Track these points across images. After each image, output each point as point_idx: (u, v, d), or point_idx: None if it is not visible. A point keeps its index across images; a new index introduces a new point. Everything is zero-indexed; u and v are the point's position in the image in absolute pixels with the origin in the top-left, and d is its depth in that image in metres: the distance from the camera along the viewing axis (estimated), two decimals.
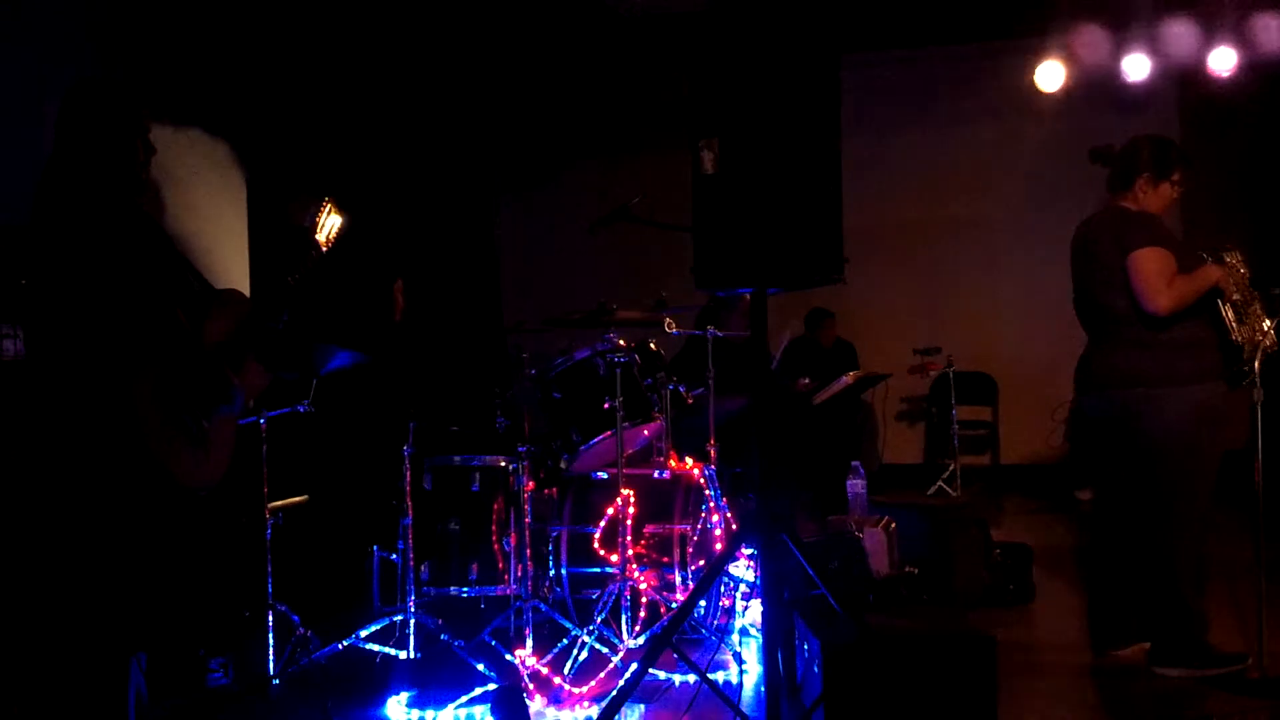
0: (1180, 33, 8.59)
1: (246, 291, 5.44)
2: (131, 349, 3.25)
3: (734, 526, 5.30)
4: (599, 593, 4.93)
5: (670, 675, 4.50)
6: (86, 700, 3.31)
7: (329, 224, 3.87)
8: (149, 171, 3.56)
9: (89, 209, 3.32)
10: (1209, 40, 8.58)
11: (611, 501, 5.02)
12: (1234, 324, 4.43)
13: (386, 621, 4.70)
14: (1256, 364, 4.36)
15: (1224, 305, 4.45)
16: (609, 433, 5.00)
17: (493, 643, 4.67)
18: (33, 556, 3.66)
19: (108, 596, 3.34)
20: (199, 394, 3.38)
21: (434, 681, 4.44)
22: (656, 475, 5.34)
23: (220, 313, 3.55)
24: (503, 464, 5.04)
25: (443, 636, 4.58)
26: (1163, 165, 4.60)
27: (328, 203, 3.88)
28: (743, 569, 5.29)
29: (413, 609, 4.65)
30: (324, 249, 3.84)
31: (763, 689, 3.81)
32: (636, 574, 4.89)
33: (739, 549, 5.03)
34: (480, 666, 4.46)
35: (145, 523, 3.32)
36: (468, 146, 9.77)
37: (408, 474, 4.74)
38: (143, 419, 3.23)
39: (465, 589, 4.96)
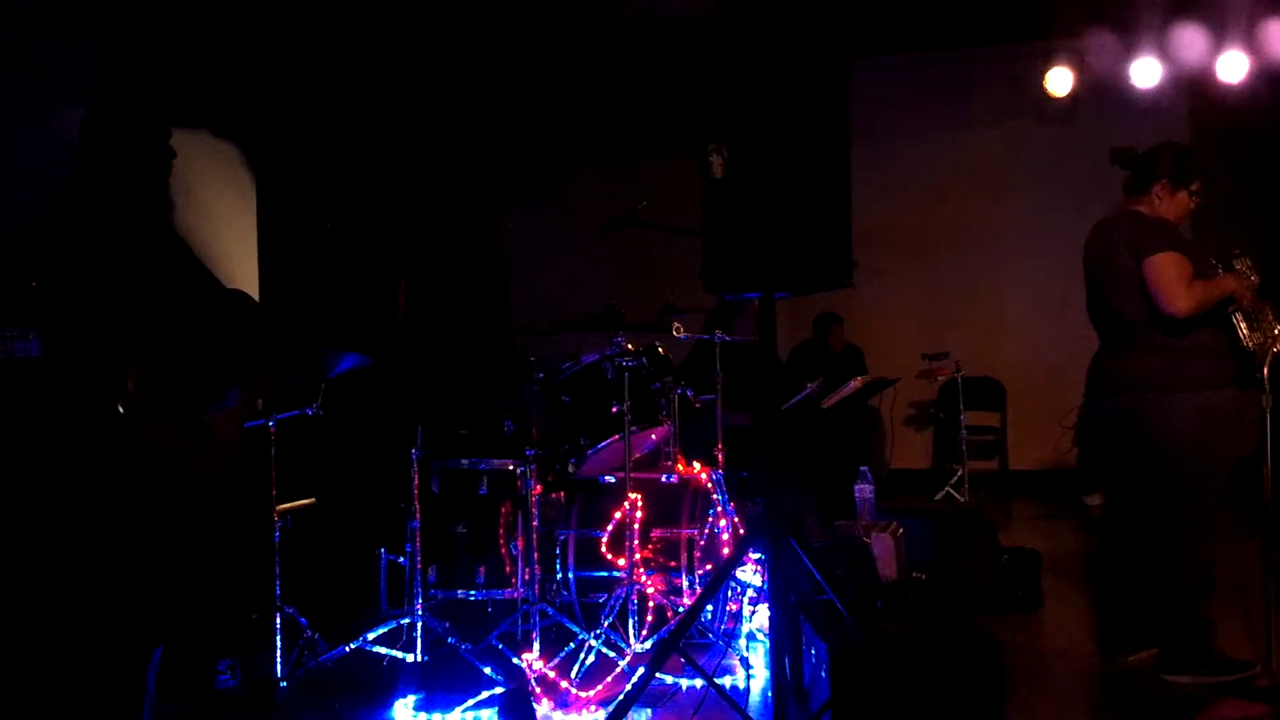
0: (1190, 38, 8.57)
1: (255, 291, 5.46)
2: (124, 346, 3.29)
3: (741, 531, 5.30)
4: (606, 596, 4.94)
5: (677, 680, 4.49)
6: (96, 694, 3.33)
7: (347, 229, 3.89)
8: (169, 177, 3.61)
9: (101, 215, 3.37)
10: (1219, 46, 8.56)
11: (619, 505, 5.03)
12: (1246, 331, 4.43)
13: (394, 624, 4.70)
14: (1266, 369, 4.36)
15: (1235, 313, 4.44)
16: (616, 437, 5.00)
17: (500, 646, 4.67)
18: (36, 550, 3.69)
19: (107, 588, 3.36)
20: (194, 391, 3.42)
21: (441, 684, 4.44)
22: (664, 479, 5.34)
23: (226, 314, 3.59)
24: (510, 467, 5.04)
25: (450, 640, 4.58)
26: (1182, 173, 4.59)
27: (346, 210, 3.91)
28: (750, 573, 5.28)
29: (420, 612, 4.65)
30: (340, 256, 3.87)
31: (770, 694, 3.81)
32: (644, 578, 4.89)
33: (746, 553, 5.03)
34: (487, 670, 4.46)
35: (141, 513, 3.35)
36: (475, 150, 9.78)
37: (415, 477, 4.74)
38: (132, 412, 3.26)
39: (472, 592, 4.96)
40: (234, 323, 3.60)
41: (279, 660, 4.60)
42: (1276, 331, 4.45)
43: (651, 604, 4.94)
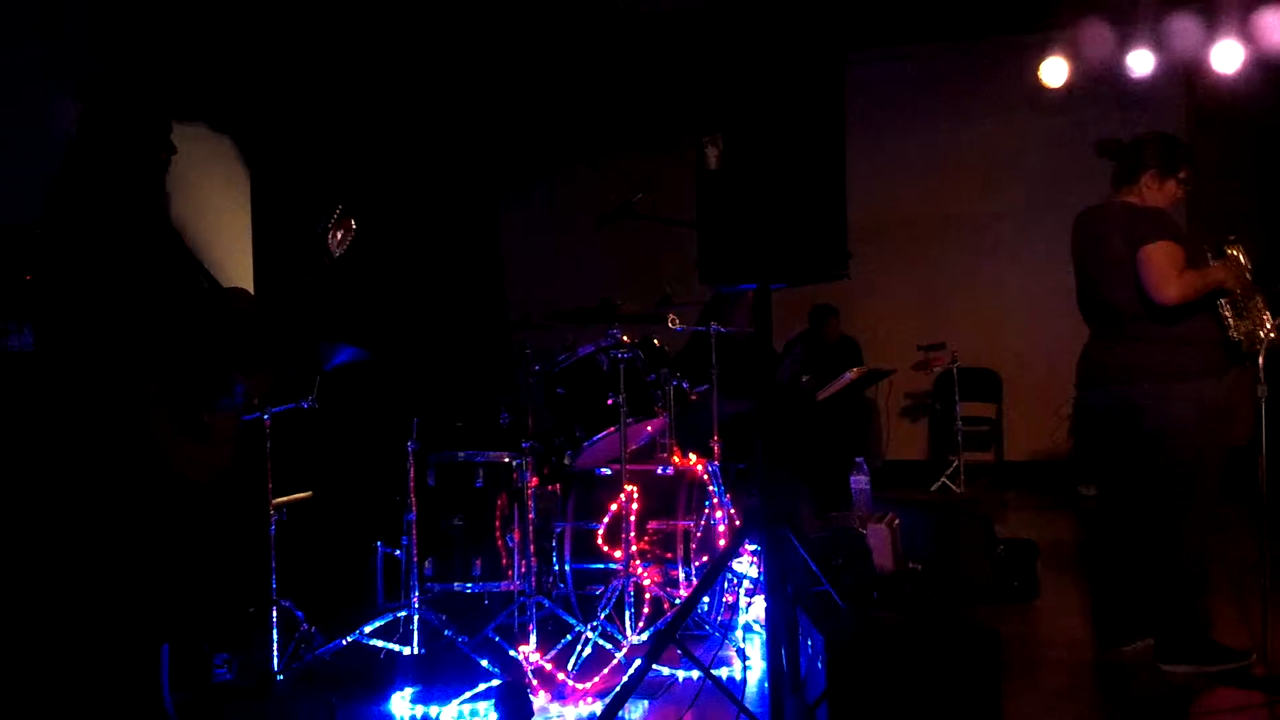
0: (1185, 28, 8.57)
1: (250, 286, 5.45)
2: (137, 344, 3.26)
3: (737, 522, 5.30)
4: (602, 589, 4.94)
5: (674, 671, 4.50)
6: (116, 693, 3.32)
7: (342, 230, 3.86)
8: (167, 171, 3.57)
9: (103, 208, 3.33)
10: (1214, 36, 8.56)
11: (615, 497, 5.02)
12: (1232, 320, 4.42)
13: (390, 617, 4.70)
14: (1260, 359, 4.36)
15: (1223, 302, 4.44)
16: (613, 429, 5.00)
17: (496, 639, 4.67)
18: (41, 548, 3.67)
19: (119, 588, 3.34)
20: (201, 388, 3.40)
21: (438, 677, 4.44)
22: (660, 471, 5.34)
23: (226, 310, 3.56)
24: (507, 460, 5.03)
25: (446, 632, 4.58)
26: (1169, 162, 4.59)
27: (340, 209, 3.88)
28: (746, 565, 5.29)
29: (416, 605, 4.65)
30: (335, 253, 3.84)
31: (766, 685, 3.80)
32: (640, 570, 4.89)
33: (742, 545, 5.03)
34: (484, 662, 4.46)
35: (147, 513, 3.33)
36: (471, 142, 9.77)
37: (412, 470, 4.74)
38: (147, 413, 3.24)
39: (469, 585, 4.96)
40: (237, 321, 3.58)
41: (276, 653, 4.60)
42: (1266, 320, 4.45)
43: (648, 596, 4.95)
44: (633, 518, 4.87)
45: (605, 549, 5.15)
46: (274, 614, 4.62)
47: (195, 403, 3.39)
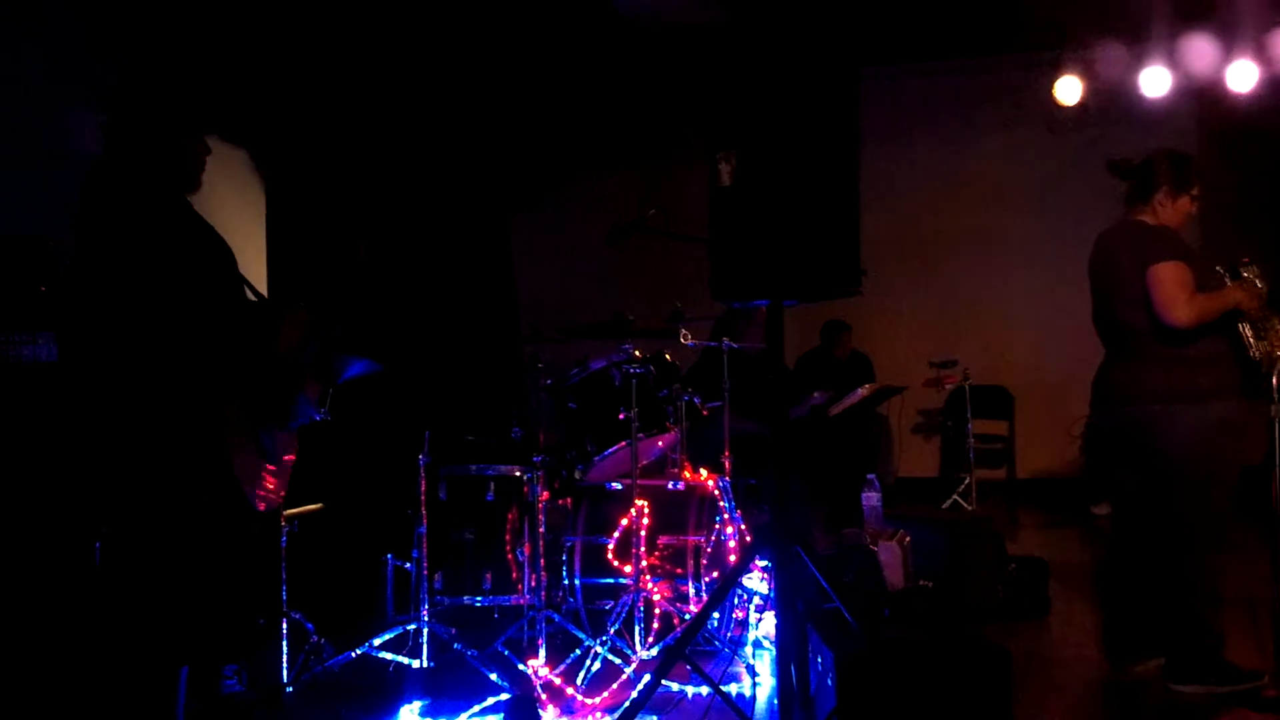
0: (1199, 48, 8.57)
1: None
2: (223, 365, 3.15)
3: (748, 538, 5.29)
4: (612, 603, 4.93)
5: (683, 687, 4.49)
6: (136, 711, 3.27)
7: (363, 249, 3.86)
8: (204, 170, 3.41)
9: (160, 215, 3.17)
10: (1228, 55, 8.55)
11: (625, 512, 5.02)
12: (1252, 340, 4.42)
13: (400, 630, 4.70)
14: (1275, 379, 4.35)
15: (1242, 322, 4.43)
16: (624, 443, 5.00)
17: (506, 652, 4.67)
18: (87, 564, 3.62)
19: (170, 610, 3.25)
20: (281, 410, 3.34)
21: (447, 691, 4.44)
22: (671, 486, 5.34)
23: (290, 326, 3.48)
24: (517, 474, 5.04)
25: (456, 646, 4.58)
26: (1181, 179, 4.59)
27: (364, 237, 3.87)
28: (757, 581, 5.28)
29: (426, 618, 4.65)
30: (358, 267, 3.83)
31: (776, 701, 3.80)
32: (650, 585, 4.89)
33: (753, 561, 5.02)
34: (493, 676, 4.46)
35: (217, 541, 3.25)
36: (484, 157, 9.80)
37: (423, 483, 4.75)
38: (229, 438, 3.16)
39: (479, 598, 4.97)
40: (297, 335, 3.49)
41: (285, 665, 4.60)
42: None
43: (658, 611, 4.94)
44: (643, 533, 4.87)
45: (615, 564, 5.15)
46: (284, 625, 4.63)
47: (275, 425, 3.32)
